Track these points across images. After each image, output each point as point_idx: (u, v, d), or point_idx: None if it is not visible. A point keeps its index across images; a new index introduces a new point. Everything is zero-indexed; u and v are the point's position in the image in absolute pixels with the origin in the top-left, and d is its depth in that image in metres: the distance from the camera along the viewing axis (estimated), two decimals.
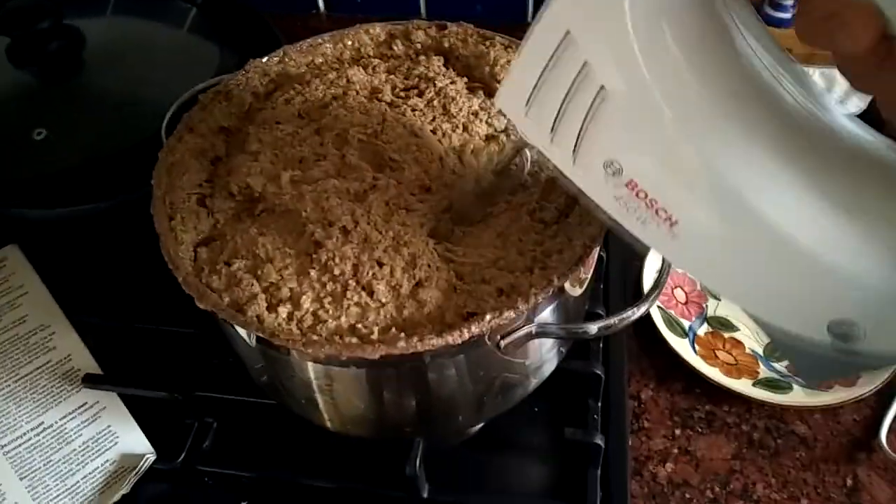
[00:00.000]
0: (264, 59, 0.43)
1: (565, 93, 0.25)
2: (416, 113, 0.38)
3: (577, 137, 0.26)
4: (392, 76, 0.41)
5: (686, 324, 0.51)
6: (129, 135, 0.47)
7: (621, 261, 0.53)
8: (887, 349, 0.25)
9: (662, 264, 0.36)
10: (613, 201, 0.26)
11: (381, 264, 0.33)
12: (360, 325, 0.31)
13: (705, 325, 0.51)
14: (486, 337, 0.33)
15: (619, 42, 0.24)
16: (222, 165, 0.38)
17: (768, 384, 0.48)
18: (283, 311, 0.32)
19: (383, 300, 0.32)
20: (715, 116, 0.24)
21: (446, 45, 0.43)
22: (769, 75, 0.24)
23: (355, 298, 0.32)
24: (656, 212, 0.25)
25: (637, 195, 0.25)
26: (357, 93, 0.40)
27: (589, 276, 0.38)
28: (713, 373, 0.48)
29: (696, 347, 0.50)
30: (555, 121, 0.26)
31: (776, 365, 0.49)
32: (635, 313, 0.34)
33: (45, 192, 0.49)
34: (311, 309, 0.32)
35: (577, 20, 0.24)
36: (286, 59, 0.43)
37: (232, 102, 0.40)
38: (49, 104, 0.53)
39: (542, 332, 0.33)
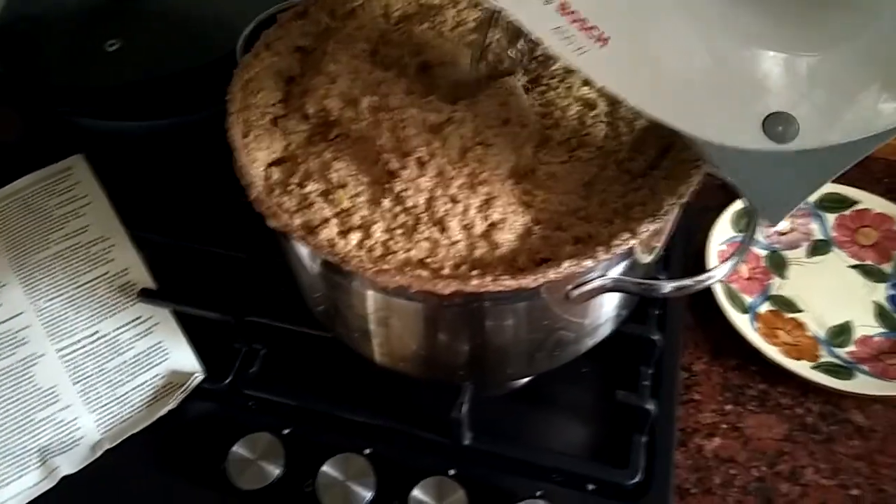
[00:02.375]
0: None
1: None
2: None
3: None
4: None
5: (747, 300, 0.49)
6: (202, 52, 0.46)
7: (685, 233, 0.52)
8: (829, 139, 0.25)
9: (748, 229, 0.34)
10: (553, 34, 0.26)
11: (455, 201, 0.32)
12: (430, 260, 0.31)
13: (767, 303, 0.50)
14: (557, 286, 0.32)
15: None
16: (297, 86, 0.37)
17: (828, 369, 0.46)
18: (354, 238, 0.31)
19: (455, 238, 0.31)
20: None
21: None
22: None
23: (427, 233, 0.31)
24: (588, 31, 0.25)
25: (570, 18, 0.25)
26: (440, 22, 0.38)
27: (665, 236, 0.36)
28: (771, 351, 0.46)
29: (757, 325, 0.48)
30: None
31: (838, 351, 0.47)
32: (713, 277, 0.33)
33: (115, 104, 0.49)
34: (382, 239, 0.31)
35: None
36: None
37: (309, 20, 0.39)
38: (124, 16, 0.52)
39: (615, 286, 0.32)
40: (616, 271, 0.33)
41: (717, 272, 0.32)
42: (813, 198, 0.53)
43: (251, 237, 0.39)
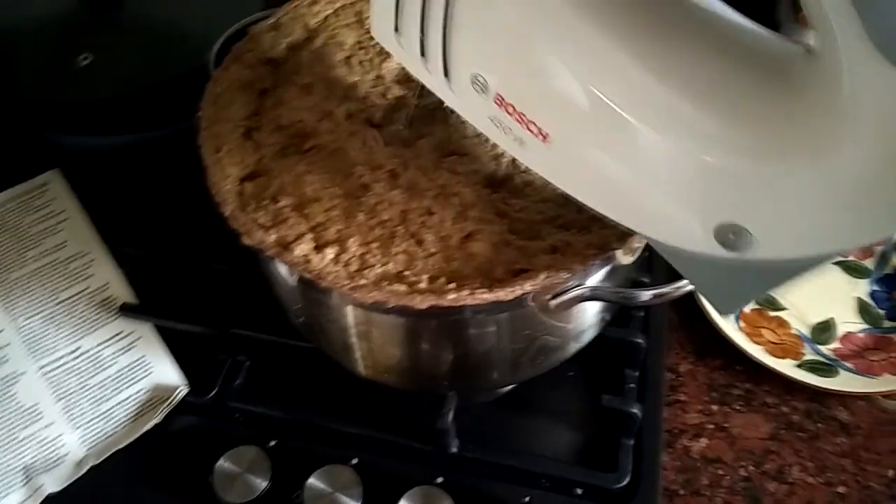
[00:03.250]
0: None
1: (420, 8, 0.24)
2: None
3: (443, 56, 0.25)
4: None
5: None
6: (174, 65, 0.46)
7: None
8: (784, 255, 0.23)
9: None
10: (490, 124, 0.25)
11: (430, 213, 0.32)
12: (407, 273, 0.30)
13: (752, 301, 0.50)
14: (535, 296, 0.32)
15: None
16: (269, 98, 0.37)
17: (812, 367, 0.46)
18: (330, 252, 0.31)
19: (432, 249, 0.31)
20: (566, 11, 0.22)
21: None
22: None
23: (403, 246, 0.31)
24: (528, 127, 0.24)
25: (507, 111, 0.24)
26: None
27: (643, 242, 0.36)
28: (755, 350, 0.46)
29: (741, 324, 0.48)
30: (421, 42, 0.25)
31: (822, 348, 0.47)
32: (689, 284, 0.33)
33: (88, 119, 0.48)
34: (358, 253, 0.31)
35: None
36: None
37: (280, 32, 0.39)
38: (96, 31, 0.52)
39: (593, 296, 0.32)
40: (595, 279, 0.33)
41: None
42: None
43: (232, 249, 0.39)
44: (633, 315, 0.46)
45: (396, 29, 0.26)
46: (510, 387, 0.46)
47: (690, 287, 0.33)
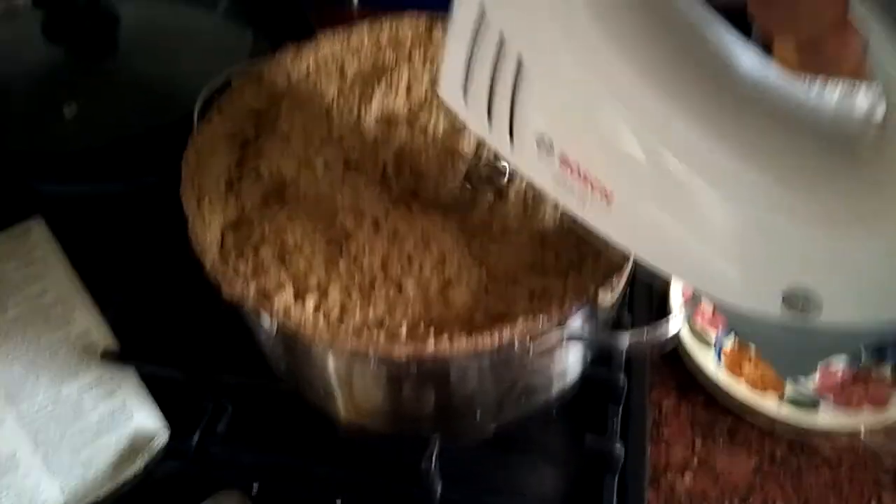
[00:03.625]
0: (298, 44, 0.42)
1: (491, 71, 0.24)
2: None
3: (510, 117, 0.25)
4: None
5: (712, 335, 0.50)
6: (159, 116, 0.46)
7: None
8: (851, 319, 0.23)
9: None
10: (554, 183, 0.25)
11: (410, 260, 0.32)
12: (387, 320, 0.31)
13: (733, 336, 0.50)
14: (516, 341, 0.32)
15: (527, 4, 0.23)
16: (251, 148, 0.38)
17: (794, 402, 0.46)
18: (311, 300, 0.31)
19: (412, 296, 0.31)
20: (631, 78, 0.23)
21: None
22: (687, 28, 0.23)
23: (384, 292, 0.31)
24: (591, 186, 0.24)
25: (571, 171, 0.24)
26: (394, 81, 0.39)
27: (622, 283, 0.37)
28: (737, 389, 0.47)
29: (722, 359, 0.49)
30: (489, 104, 0.25)
31: (803, 381, 0.48)
32: (668, 330, 0.33)
33: (72, 168, 0.48)
34: (339, 300, 0.31)
35: None
36: (321, 43, 0.42)
37: (263, 84, 0.39)
38: (81, 81, 0.52)
39: (572, 338, 0.33)
40: (575, 322, 0.33)
41: (670, 326, 0.33)
42: None
43: (215, 295, 0.39)
44: (615, 353, 0.46)
45: (464, 90, 0.26)
46: (495, 428, 0.45)
47: (669, 335, 0.33)
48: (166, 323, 0.50)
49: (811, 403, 0.46)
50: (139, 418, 0.46)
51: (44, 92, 0.51)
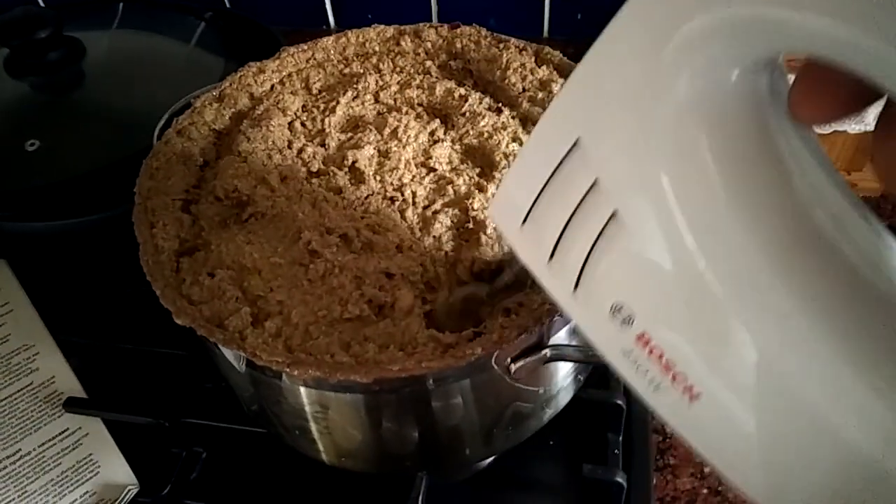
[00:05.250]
0: (261, 61, 0.40)
1: (571, 212, 0.20)
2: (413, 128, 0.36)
3: (581, 269, 0.21)
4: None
5: None
6: (123, 147, 0.44)
7: None
8: None
9: None
10: (620, 355, 0.21)
11: (389, 275, 0.30)
12: (354, 343, 0.28)
13: None
14: (494, 359, 0.29)
15: (641, 157, 0.18)
16: (210, 170, 0.36)
17: None
18: (272, 325, 0.28)
19: (385, 314, 0.29)
20: (760, 273, 0.18)
21: (458, 45, 0.40)
22: (829, 224, 0.18)
23: (355, 312, 0.29)
24: (673, 378, 0.20)
25: (650, 353, 0.20)
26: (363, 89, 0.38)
27: None
28: None
29: None
30: (556, 243, 0.21)
31: None
32: None
33: (35, 205, 0.46)
34: (303, 324, 0.29)
35: (589, 125, 0.19)
36: (283, 58, 0.40)
37: (225, 103, 0.38)
38: (45, 115, 0.51)
39: (556, 356, 0.30)
40: (558, 338, 0.31)
41: None
42: None
43: (184, 334, 0.37)
44: (612, 375, 0.43)
45: (525, 220, 0.21)
46: (486, 462, 0.42)
47: None
48: (134, 366, 0.47)
49: None
50: (107, 470, 0.43)
51: (6, 128, 0.50)
